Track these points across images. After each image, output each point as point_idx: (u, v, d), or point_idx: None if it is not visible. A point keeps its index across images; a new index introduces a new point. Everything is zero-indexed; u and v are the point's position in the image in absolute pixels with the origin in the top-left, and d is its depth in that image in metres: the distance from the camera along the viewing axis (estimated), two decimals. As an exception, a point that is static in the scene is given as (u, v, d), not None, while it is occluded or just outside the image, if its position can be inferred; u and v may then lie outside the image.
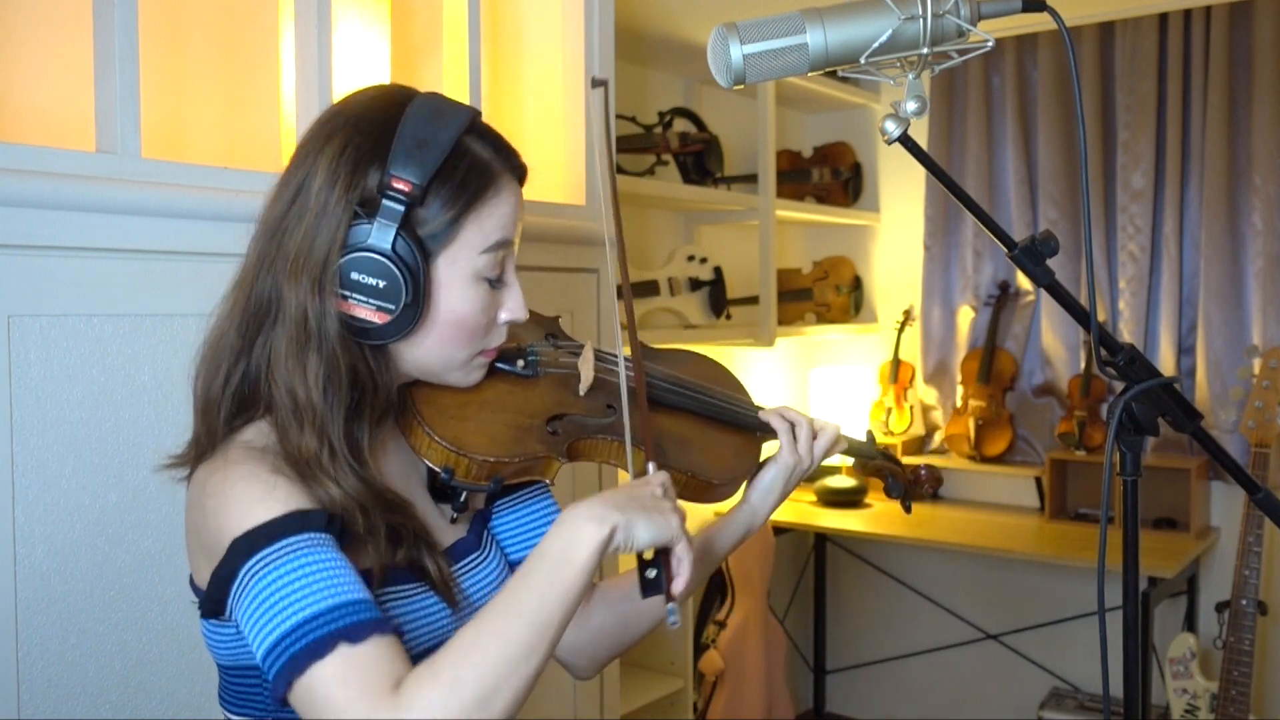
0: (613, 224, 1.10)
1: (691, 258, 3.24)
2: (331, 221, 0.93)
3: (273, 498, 0.88)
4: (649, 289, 3.00)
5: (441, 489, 1.07)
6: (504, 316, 1.03)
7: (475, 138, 0.99)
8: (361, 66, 1.84)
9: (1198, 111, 3.15)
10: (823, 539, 3.76)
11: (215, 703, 1.50)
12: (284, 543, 0.86)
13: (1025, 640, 3.53)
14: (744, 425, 1.24)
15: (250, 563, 0.85)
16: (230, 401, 0.97)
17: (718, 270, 3.29)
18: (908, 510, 1.38)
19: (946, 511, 3.51)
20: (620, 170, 2.60)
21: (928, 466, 1.46)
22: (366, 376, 0.96)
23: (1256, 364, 2.79)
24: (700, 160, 3.12)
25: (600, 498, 0.90)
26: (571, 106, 2.15)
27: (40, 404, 1.32)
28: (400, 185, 0.92)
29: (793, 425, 1.22)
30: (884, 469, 1.37)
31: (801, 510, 3.51)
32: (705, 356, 1.33)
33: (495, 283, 1.00)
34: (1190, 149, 3.18)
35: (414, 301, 0.94)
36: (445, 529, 1.07)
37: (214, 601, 0.90)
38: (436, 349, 0.99)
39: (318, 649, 0.81)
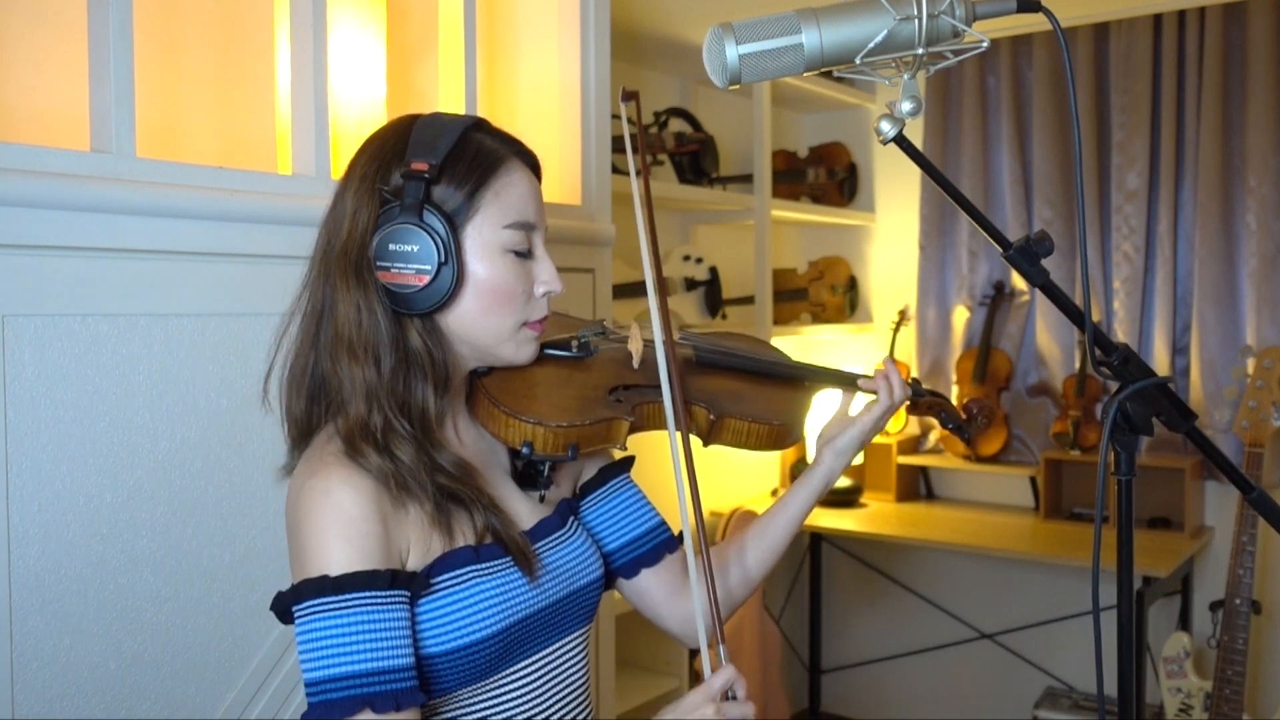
0: (648, 234, 1.20)
1: (687, 258, 3.24)
2: (365, 213, 1.04)
3: (349, 542, 0.97)
4: (645, 289, 3.00)
5: (525, 473, 1.16)
6: (540, 289, 1.10)
7: (481, 133, 1.10)
8: (357, 67, 1.83)
9: (1192, 112, 3.15)
10: (818, 538, 3.76)
11: (209, 703, 1.51)
12: (347, 596, 0.95)
13: (1020, 639, 3.53)
14: (789, 378, 1.38)
15: (315, 601, 0.96)
16: (308, 402, 1.08)
17: (713, 270, 3.29)
18: (967, 443, 1.44)
19: (942, 511, 3.52)
20: (615, 170, 2.60)
21: (977, 401, 1.48)
22: (422, 350, 1.05)
23: (1250, 364, 2.80)
24: (696, 160, 3.12)
25: None
26: (568, 106, 2.15)
27: (34, 404, 1.32)
28: (418, 167, 1.03)
29: (894, 404, 1.31)
30: (934, 405, 1.45)
31: (797, 510, 3.50)
32: (749, 335, 1.47)
33: (524, 256, 1.09)
34: (1185, 149, 3.18)
35: (447, 261, 1.02)
36: (528, 512, 1.15)
37: (282, 611, 1.00)
38: (480, 318, 1.07)
39: (348, 706, 0.93)
